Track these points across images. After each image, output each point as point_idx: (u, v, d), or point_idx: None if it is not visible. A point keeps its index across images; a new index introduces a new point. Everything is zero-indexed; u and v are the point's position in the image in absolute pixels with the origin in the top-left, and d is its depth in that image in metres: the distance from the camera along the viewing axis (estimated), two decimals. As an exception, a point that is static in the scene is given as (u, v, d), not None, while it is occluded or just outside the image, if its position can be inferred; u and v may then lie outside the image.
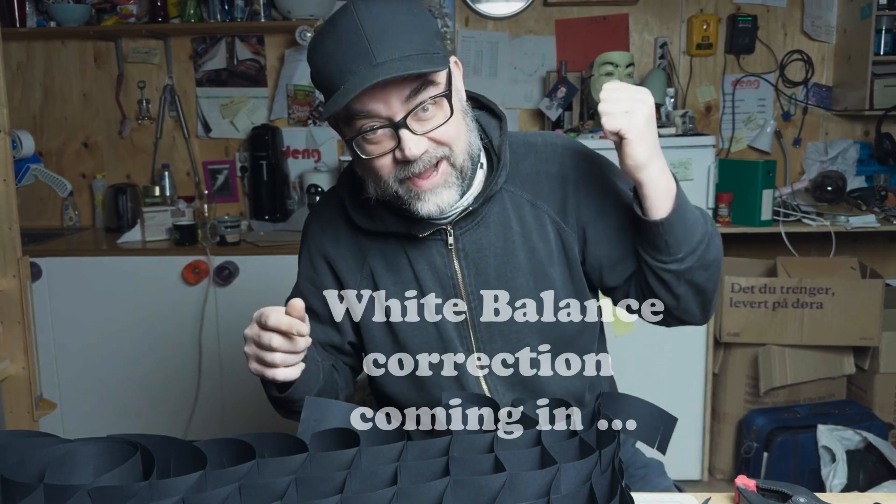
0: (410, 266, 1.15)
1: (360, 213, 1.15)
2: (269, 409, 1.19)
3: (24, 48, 3.13)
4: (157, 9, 2.94)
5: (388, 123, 1.00)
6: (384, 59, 0.96)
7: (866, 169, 3.09)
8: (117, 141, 3.21)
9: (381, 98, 0.98)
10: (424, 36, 1.00)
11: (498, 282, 1.14)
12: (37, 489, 0.77)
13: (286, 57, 3.08)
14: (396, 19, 0.98)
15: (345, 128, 1.05)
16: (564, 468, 0.81)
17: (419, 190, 1.04)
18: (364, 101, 0.98)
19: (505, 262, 1.14)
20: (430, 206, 1.05)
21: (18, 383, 1.87)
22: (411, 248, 1.15)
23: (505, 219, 1.14)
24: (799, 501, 0.87)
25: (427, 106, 1.00)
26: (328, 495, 0.79)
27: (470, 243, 1.14)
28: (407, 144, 0.99)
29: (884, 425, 2.56)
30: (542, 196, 1.15)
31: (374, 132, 1.00)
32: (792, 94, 3.10)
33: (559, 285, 1.16)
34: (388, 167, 1.03)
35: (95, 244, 2.84)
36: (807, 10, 3.04)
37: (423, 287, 1.15)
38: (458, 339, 1.16)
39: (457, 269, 1.14)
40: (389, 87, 0.97)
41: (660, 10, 3.07)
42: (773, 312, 2.64)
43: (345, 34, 0.98)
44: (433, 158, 1.03)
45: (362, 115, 1.00)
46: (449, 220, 1.12)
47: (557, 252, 1.16)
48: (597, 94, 2.67)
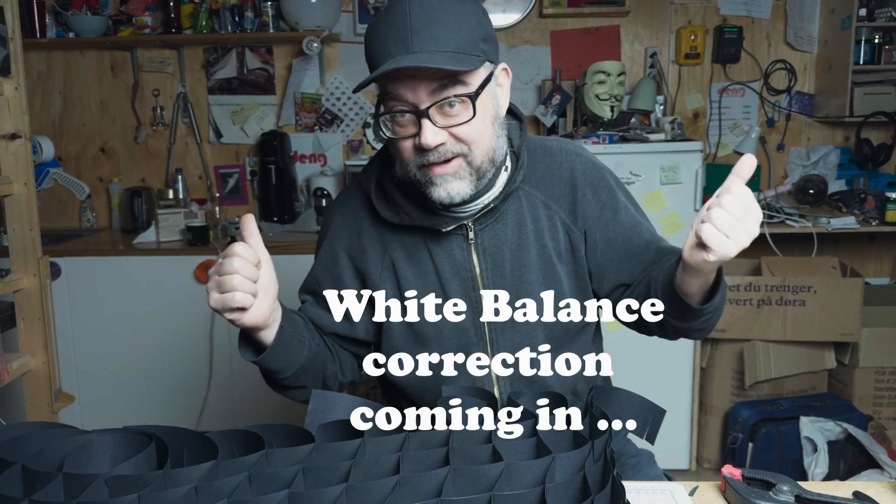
0: (431, 258, 1.15)
1: (385, 206, 1.16)
2: (278, 402, 1.19)
3: (44, 58, 3.13)
4: (170, 20, 2.94)
5: (412, 110, 1.01)
6: (419, 49, 0.98)
7: (846, 173, 3.09)
8: (133, 146, 3.21)
9: (411, 85, 1.00)
10: (467, 36, 1.01)
11: (512, 275, 1.15)
12: (56, 478, 0.77)
13: (294, 66, 3.08)
14: (443, 16, 1.00)
15: (382, 105, 1.06)
16: (559, 458, 0.81)
17: (433, 175, 1.05)
18: (396, 85, 1.00)
19: (519, 257, 1.15)
20: (442, 192, 1.05)
21: (38, 377, 1.87)
22: (432, 241, 1.15)
23: (520, 216, 1.15)
24: (782, 490, 0.87)
25: (454, 102, 1.01)
26: (334, 484, 0.79)
27: (488, 238, 1.15)
28: (424, 133, 1.01)
29: (863, 417, 2.56)
30: (554, 197, 1.17)
31: (403, 115, 1.02)
32: (775, 101, 3.10)
33: (565, 281, 1.17)
34: (409, 150, 1.05)
35: (112, 244, 2.84)
36: (790, 22, 3.05)
37: (442, 279, 1.15)
38: (472, 330, 1.17)
39: (475, 262, 1.15)
40: (420, 77, 0.99)
41: (650, 21, 3.07)
42: (758, 310, 2.64)
43: (393, 20, 1.00)
44: (449, 153, 1.03)
45: (393, 97, 1.02)
46: (470, 216, 1.13)
47: (565, 250, 1.17)
48: (590, 102, 2.69)
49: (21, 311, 1.84)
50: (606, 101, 2.67)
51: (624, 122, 2.76)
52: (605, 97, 2.66)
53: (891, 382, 2.70)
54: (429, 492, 0.78)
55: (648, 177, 2.54)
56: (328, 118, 3.12)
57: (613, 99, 2.67)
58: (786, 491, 0.87)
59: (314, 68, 3.07)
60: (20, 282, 1.81)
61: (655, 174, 2.54)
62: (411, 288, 1.16)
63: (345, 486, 0.76)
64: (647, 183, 2.54)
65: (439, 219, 1.12)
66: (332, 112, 3.12)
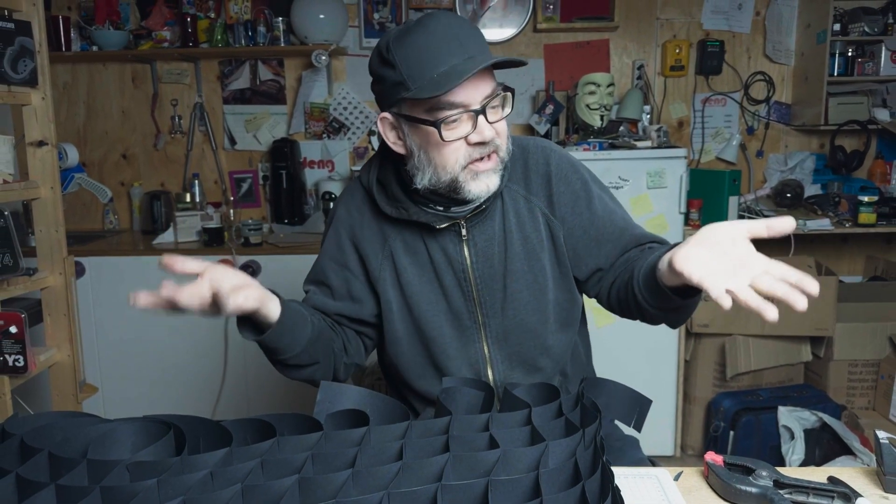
0: (427, 251, 1.17)
1: (386, 201, 1.17)
2: (289, 393, 1.19)
3: (69, 70, 3.13)
4: (188, 35, 2.94)
5: (468, 110, 1.03)
6: (476, 53, 1.02)
7: (821, 178, 3.09)
8: (152, 153, 3.20)
9: (472, 86, 1.02)
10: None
11: (500, 266, 1.17)
12: (80, 464, 0.77)
13: (303, 78, 3.08)
14: (471, 29, 1.05)
15: (423, 114, 1.05)
16: (552, 445, 0.81)
17: (477, 171, 1.07)
18: (454, 90, 1.01)
19: (504, 249, 1.17)
20: (482, 186, 1.08)
21: (64, 369, 1.87)
22: (428, 236, 1.17)
23: (505, 211, 1.17)
24: (761, 475, 0.87)
25: (500, 95, 1.06)
26: (341, 469, 0.79)
27: (478, 234, 1.16)
28: (483, 128, 1.04)
29: (837, 407, 2.56)
30: (533, 191, 1.19)
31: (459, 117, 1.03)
32: (755, 110, 3.10)
33: (548, 268, 1.19)
34: (459, 150, 1.06)
35: (133, 245, 2.84)
36: (768, 36, 3.04)
37: (437, 269, 1.17)
38: (466, 314, 1.19)
39: (466, 256, 1.17)
40: (476, 79, 1.02)
41: (637, 35, 3.07)
42: (739, 306, 2.63)
43: (435, 31, 1.02)
44: (492, 147, 1.07)
45: (445, 106, 1.02)
46: (463, 215, 1.14)
47: (546, 239, 1.19)
48: (582, 111, 2.69)
49: (47, 308, 1.84)
50: (596, 111, 2.66)
51: (613, 130, 2.76)
52: (596, 107, 2.66)
53: (863, 374, 2.70)
54: (430, 477, 0.78)
55: (636, 181, 2.54)
56: (335, 126, 3.12)
57: (603, 108, 2.66)
58: (765, 476, 0.87)
59: (322, 80, 3.07)
60: (47, 280, 1.81)
61: (642, 179, 2.54)
62: (409, 276, 1.18)
63: (351, 472, 0.76)
64: (635, 187, 2.54)
65: (435, 216, 1.14)
66: (340, 121, 3.11)
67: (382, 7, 3.03)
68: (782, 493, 0.84)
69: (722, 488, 0.87)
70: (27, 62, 1.69)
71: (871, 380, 2.70)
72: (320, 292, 1.23)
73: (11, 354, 1.63)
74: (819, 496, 0.85)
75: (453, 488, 0.73)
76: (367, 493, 0.73)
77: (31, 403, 1.99)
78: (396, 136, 1.11)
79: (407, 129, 1.09)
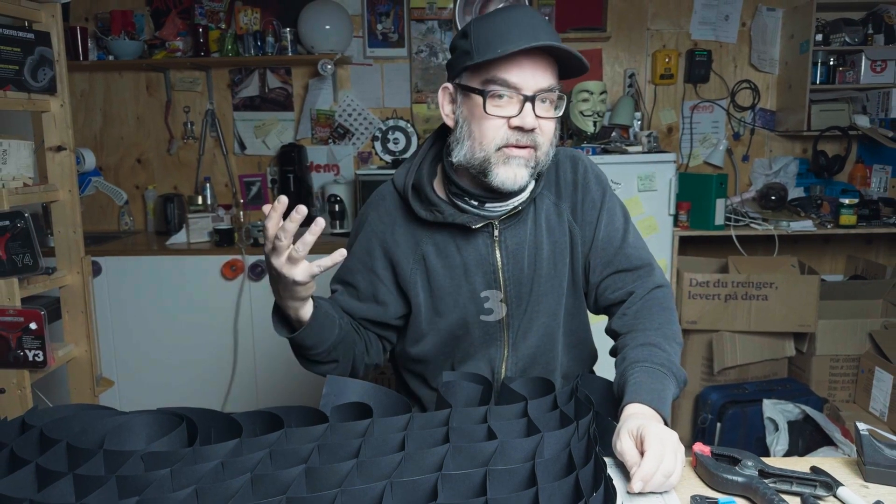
0: (459, 253, 1.15)
1: (420, 205, 1.15)
2: (296, 386, 1.19)
3: (86, 78, 3.13)
4: (199, 45, 2.94)
5: (519, 93, 1.03)
6: (546, 40, 1.00)
7: (804, 181, 3.09)
8: (166, 157, 3.20)
9: (529, 70, 1.02)
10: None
11: (529, 269, 1.16)
12: (97, 454, 0.77)
13: (310, 86, 3.08)
14: (551, 28, 1.05)
15: (477, 84, 1.05)
16: (547, 436, 0.81)
17: (510, 155, 1.05)
18: (510, 69, 1.02)
19: (534, 253, 1.16)
20: (509, 173, 1.06)
21: (81, 364, 1.87)
22: (461, 238, 1.15)
23: (536, 215, 1.16)
24: (747, 465, 0.87)
25: (555, 90, 1.05)
26: (346, 459, 0.79)
27: (510, 237, 1.15)
28: (526, 115, 1.03)
29: (819, 399, 2.56)
30: (561, 197, 1.18)
31: (506, 95, 1.03)
32: (741, 117, 3.10)
33: (567, 273, 1.19)
34: (498, 128, 1.05)
35: (147, 245, 2.84)
36: (754, 46, 3.04)
37: (468, 271, 1.15)
38: (493, 315, 1.17)
39: (497, 258, 1.15)
40: (535, 66, 1.02)
41: (628, 45, 3.07)
42: (725, 304, 2.64)
43: (515, 16, 1.03)
44: (531, 140, 1.05)
45: (499, 81, 1.03)
46: (498, 216, 1.13)
47: (568, 245, 1.18)
48: (575, 117, 2.69)
49: (66, 305, 1.84)
50: (590, 117, 2.66)
51: (605, 135, 2.76)
52: (589, 113, 2.66)
53: (844, 369, 2.70)
54: (431, 466, 0.78)
55: (627, 185, 2.54)
56: (341, 132, 3.12)
57: (596, 115, 2.66)
58: (750, 466, 0.87)
59: (328, 87, 3.07)
60: (65, 279, 1.81)
61: (633, 182, 2.54)
62: (440, 279, 1.16)
63: (356, 462, 0.76)
64: (626, 190, 2.54)
65: (470, 217, 1.12)
66: (345, 127, 3.11)
67: (385, 18, 3.03)
68: (767, 483, 0.84)
69: (709, 478, 0.87)
70: (46, 71, 1.69)
71: (851, 374, 2.70)
72: (346, 293, 1.22)
73: (31, 350, 1.64)
74: (802, 485, 0.85)
75: (453, 477, 0.73)
76: (371, 482, 0.73)
77: (50, 397, 1.99)
78: (451, 109, 1.11)
79: (460, 100, 1.09)
